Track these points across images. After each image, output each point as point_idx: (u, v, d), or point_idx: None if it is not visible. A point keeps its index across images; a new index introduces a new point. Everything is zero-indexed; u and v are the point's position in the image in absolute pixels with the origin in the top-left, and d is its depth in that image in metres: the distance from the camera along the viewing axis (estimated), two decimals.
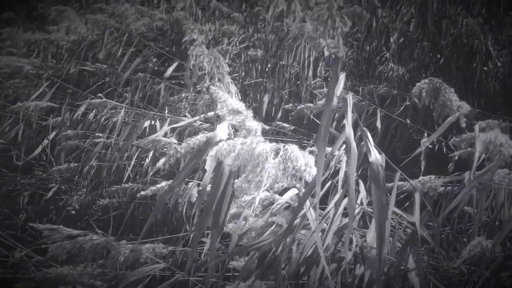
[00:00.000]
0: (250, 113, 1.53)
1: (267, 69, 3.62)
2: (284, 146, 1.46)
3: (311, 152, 1.51)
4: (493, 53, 3.20)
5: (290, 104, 3.32)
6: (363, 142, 1.53)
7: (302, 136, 3.24)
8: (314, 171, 1.44)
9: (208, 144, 1.45)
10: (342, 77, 1.50)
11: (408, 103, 3.07)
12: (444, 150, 2.78)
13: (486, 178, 1.81)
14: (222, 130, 1.47)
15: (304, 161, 1.46)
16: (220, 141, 1.45)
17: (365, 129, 1.56)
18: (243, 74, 3.73)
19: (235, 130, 1.54)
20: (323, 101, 3.17)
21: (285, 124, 3.23)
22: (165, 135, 2.81)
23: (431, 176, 2.15)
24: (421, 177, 2.13)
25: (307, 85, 3.42)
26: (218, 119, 1.61)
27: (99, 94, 3.32)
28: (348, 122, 1.48)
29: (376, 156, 1.49)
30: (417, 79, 3.29)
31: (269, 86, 3.51)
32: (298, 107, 3.22)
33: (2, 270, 2.34)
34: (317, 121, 3.22)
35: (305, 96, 3.40)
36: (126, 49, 3.76)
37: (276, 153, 1.47)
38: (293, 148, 1.46)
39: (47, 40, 3.76)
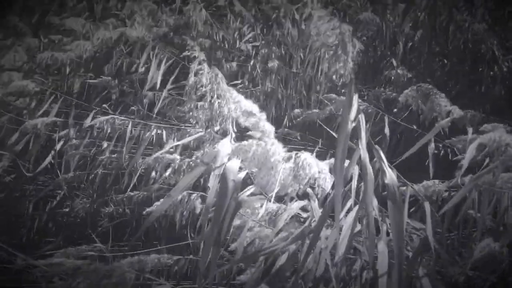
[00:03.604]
0: (263, 115, 1.55)
1: (279, 77, 3.63)
2: (296, 154, 1.50)
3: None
4: (499, 58, 3.18)
5: (297, 110, 3.32)
6: (375, 159, 1.49)
7: (308, 142, 3.23)
8: (328, 177, 1.48)
9: (211, 157, 1.46)
10: (355, 99, 1.46)
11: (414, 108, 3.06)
12: (450, 156, 2.76)
13: (490, 180, 1.80)
14: (225, 146, 1.48)
15: (318, 168, 1.49)
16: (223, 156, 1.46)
17: (377, 147, 1.51)
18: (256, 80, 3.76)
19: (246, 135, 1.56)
20: (331, 108, 3.16)
21: (291, 131, 3.22)
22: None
23: (435, 180, 2.14)
24: (424, 182, 2.12)
25: (317, 92, 3.42)
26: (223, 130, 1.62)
27: (104, 105, 3.34)
28: (363, 144, 1.43)
29: (392, 177, 1.44)
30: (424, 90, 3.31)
31: (278, 93, 3.52)
32: (305, 113, 3.22)
33: (5, 277, 2.35)
34: (324, 127, 3.23)
35: (314, 103, 3.40)
36: (132, 60, 3.79)
37: (288, 159, 1.50)
38: (305, 156, 1.50)
39: (52, 57, 3.77)
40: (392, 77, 3.40)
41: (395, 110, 3.07)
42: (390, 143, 2.86)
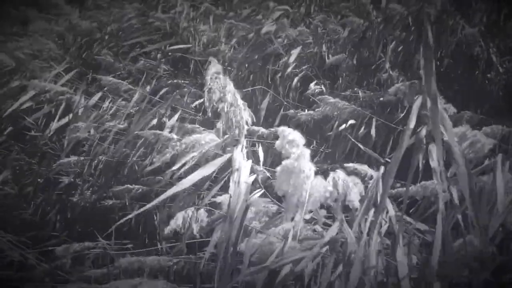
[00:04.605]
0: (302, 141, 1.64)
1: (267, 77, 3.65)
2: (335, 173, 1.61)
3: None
4: (495, 60, 3.22)
5: (292, 111, 3.33)
6: None
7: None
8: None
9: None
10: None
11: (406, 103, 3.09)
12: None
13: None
14: (240, 156, 1.62)
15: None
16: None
17: None
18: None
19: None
20: (322, 108, 3.19)
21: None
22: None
23: (433, 180, 2.15)
24: (422, 182, 2.13)
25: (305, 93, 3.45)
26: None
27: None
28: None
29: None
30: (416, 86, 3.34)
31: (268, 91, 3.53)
32: (298, 114, 3.23)
33: (9, 272, 2.34)
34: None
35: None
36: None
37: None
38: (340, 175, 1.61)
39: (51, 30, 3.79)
40: (387, 80, 3.44)
41: (381, 98, 3.12)
42: (386, 146, 2.90)
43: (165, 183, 2.79)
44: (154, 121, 3.09)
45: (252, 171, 1.68)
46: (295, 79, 3.62)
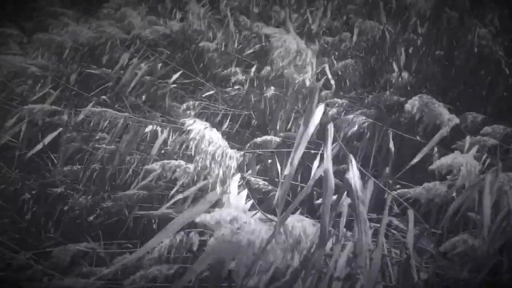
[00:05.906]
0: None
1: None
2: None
3: None
4: (503, 62, 3.18)
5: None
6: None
7: (311, 144, 3.23)
8: None
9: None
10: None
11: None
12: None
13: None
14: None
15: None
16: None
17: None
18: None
19: None
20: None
21: (291, 133, 3.21)
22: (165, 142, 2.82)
23: (436, 182, 2.13)
24: (425, 184, 2.12)
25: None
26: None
27: (103, 97, 3.33)
28: (328, 154, 1.58)
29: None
30: (424, 87, 3.31)
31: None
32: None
33: (7, 272, 2.35)
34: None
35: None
36: (133, 55, 3.80)
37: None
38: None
39: (52, 40, 3.74)
40: (393, 80, 3.41)
41: (402, 119, 3.08)
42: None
43: (165, 187, 2.77)
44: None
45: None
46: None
